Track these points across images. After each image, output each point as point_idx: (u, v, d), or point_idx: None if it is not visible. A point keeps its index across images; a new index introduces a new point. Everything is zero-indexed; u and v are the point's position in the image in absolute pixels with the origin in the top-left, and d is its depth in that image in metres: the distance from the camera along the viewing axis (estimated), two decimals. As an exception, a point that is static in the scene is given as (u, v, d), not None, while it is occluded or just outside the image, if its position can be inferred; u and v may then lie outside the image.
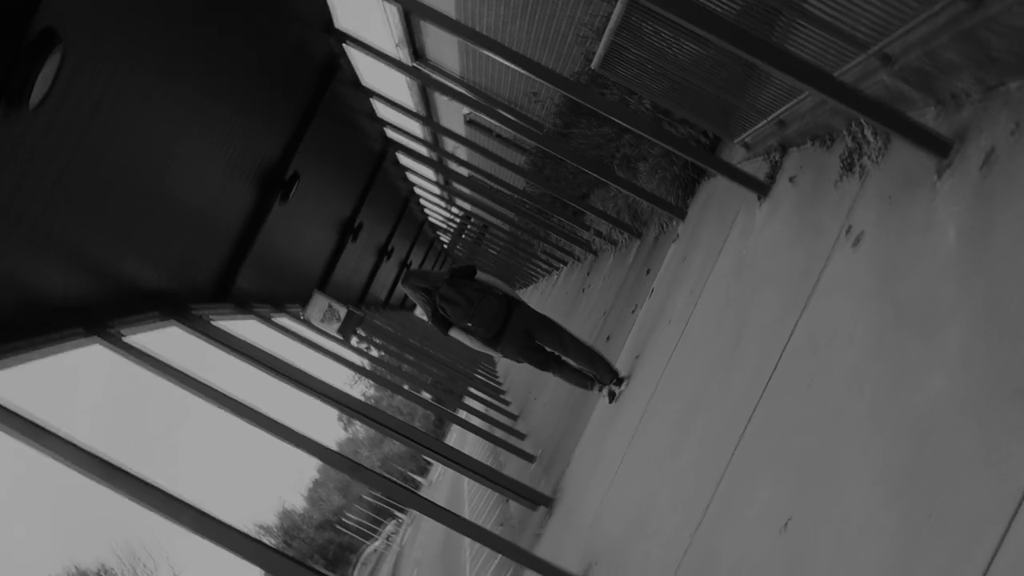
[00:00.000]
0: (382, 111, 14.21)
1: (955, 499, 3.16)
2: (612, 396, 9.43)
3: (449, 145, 24.77)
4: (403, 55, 20.21)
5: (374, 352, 22.57)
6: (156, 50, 6.27)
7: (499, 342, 8.94)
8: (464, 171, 21.50)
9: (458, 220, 31.95)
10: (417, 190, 23.34)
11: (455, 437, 46.90)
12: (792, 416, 4.77)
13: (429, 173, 21.73)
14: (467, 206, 28.65)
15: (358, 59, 11.21)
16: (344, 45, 10.46)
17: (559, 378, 9.39)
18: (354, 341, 16.64)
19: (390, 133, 15.60)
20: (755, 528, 4.53)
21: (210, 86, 7.57)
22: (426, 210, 28.00)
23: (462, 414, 25.43)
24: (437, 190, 24.69)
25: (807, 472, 4.28)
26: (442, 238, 37.21)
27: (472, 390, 22.62)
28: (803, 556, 3.94)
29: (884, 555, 3.38)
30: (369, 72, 10.94)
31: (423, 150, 17.92)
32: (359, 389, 75.17)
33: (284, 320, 13.40)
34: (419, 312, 34.55)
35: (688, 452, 6.25)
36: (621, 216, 14.14)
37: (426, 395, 22.72)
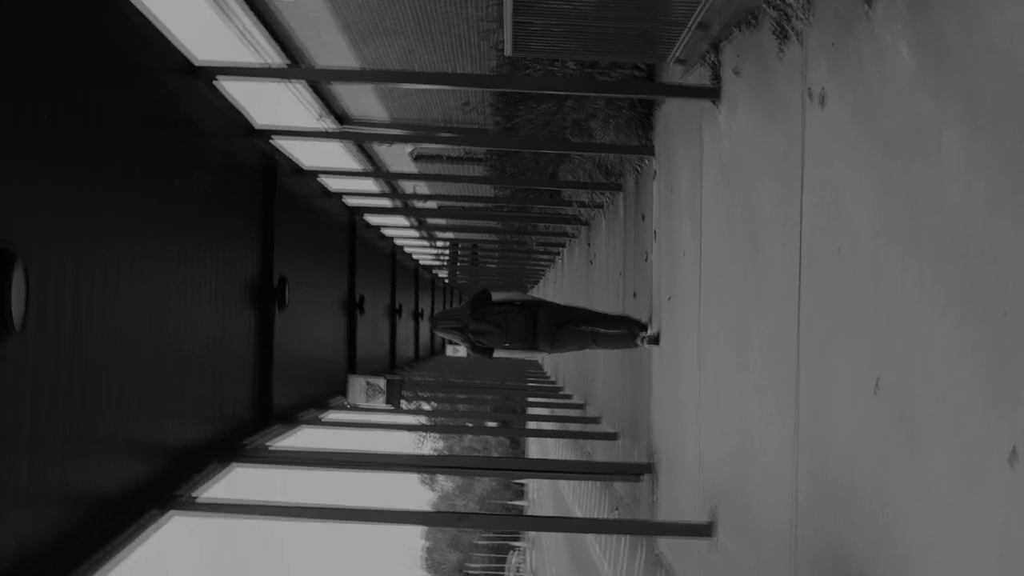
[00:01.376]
0: (334, 184, 14.22)
1: (1020, 288, 3.15)
2: (655, 339, 9.78)
3: (408, 187, 24.78)
4: (329, 124, 20.24)
5: (426, 406, 22.57)
6: (108, 227, 6.28)
7: (536, 345, 9.47)
8: (432, 204, 21.51)
9: (447, 252, 31.93)
10: (398, 241, 23.34)
11: (535, 450, 46.86)
12: (836, 285, 4.77)
13: (401, 220, 21.74)
14: (450, 235, 28.63)
15: (290, 147, 11.23)
16: (271, 141, 10.47)
17: (604, 349, 9.66)
18: (404, 405, 16.62)
19: (350, 201, 15.61)
20: (850, 401, 4.52)
21: (170, 236, 7.57)
22: (414, 256, 27.99)
23: (531, 425, 25.41)
24: (415, 233, 24.68)
25: (873, 329, 4.27)
26: (440, 275, 37.19)
27: (531, 399, 22.61)
28: (907, 404, 3.93)
29: (980, 367, 3.38)
30: (306, 154, 10.93)
31: (386, 202, 17.96)
32: (428, 446, 75.10)
33: (333, 415, 13.40)
34: (452, 351, 34.62)
35: (756, 362, 6.24)
36: (595, 178, 14.10)
37: (491, 423, 22.70)
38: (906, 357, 3.95)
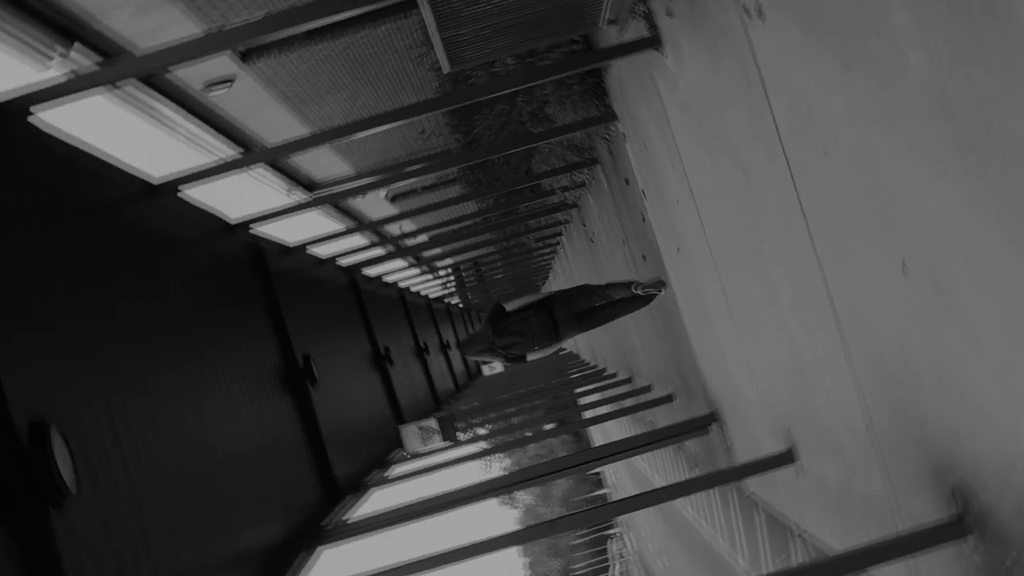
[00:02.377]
0: (324, 251, 14.25)
1: (1008, 127, 3.15)
2: (653, 285, 10.31)
3: (395, 229, 24.80)
4: (300, 195, 20.28)
5: (482, 430, 22.57)
6: (127, 368, 6.30)
7: (562, 336, 9.77)
8: (423, 236, 21.53)
9: (452, 277, 31.95)
10: (402, 284, 23.37)
11: (598, 437, 46.80)
12: (832, 184, 4.76)
13: (398, 263, 21.75)
14: (449, 261, 28.65)
15: (271, 230, 11.26)
16: (250, 230, 10.48)
17: (629, 314, 9.89)
18: (461, 437, 16.65)
19: (344, 262, 15.63)
20: (883, 289, 4.51)
21: (187, 353, 7.58)
22: (422, 292, 28.01)
23: (587, 415, 25.39)
24: (416, 270, 24.72)
25: (881, 214, 4.26)
26: (452, 301, 37.20)
27: (579, 390, 22.60)
28: (938, 274, 3.92)
29: (995, 216, 3.37)
30: (289, 231, 10.97)
31: (379, 251, 17.97)
32: (496, 467, 75.06)
33: (398, 469, 13.41)
34: (488, 369, 34.65)
35: (781, 282, 6.23)
36: (568, 159, 14.12)
37: (548, 426, 22.68)
38: (921, 230, 3.94)
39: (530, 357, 9.86)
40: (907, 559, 4.43)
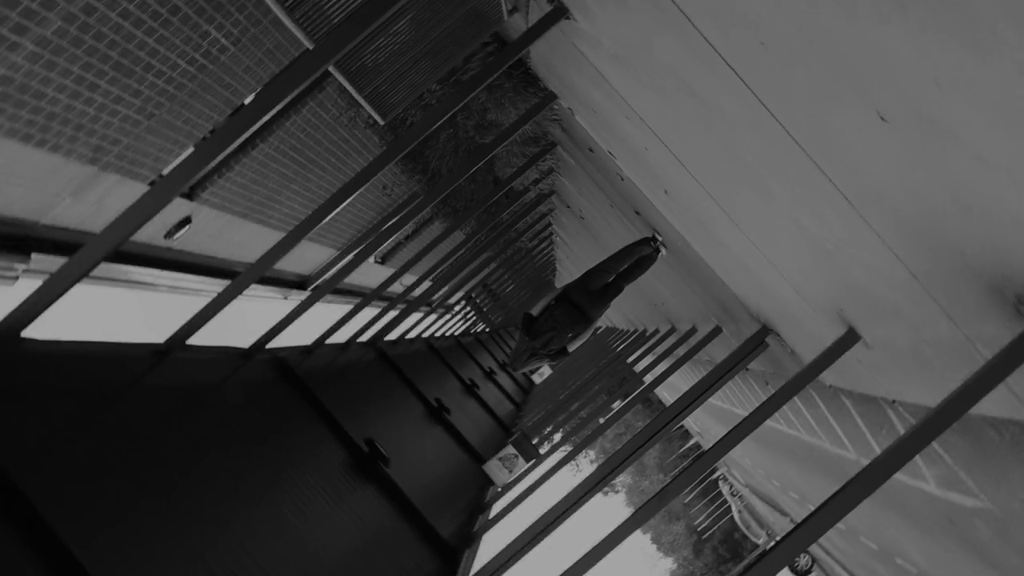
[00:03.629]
0: (340, 337, 14.27)
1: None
2: (651, 241, 10.85)
3: (398, 287, 24.85)
4: (297, 296, 20.35)
5: (557, 436, 22.59)
6: (209, 520, 6.33)
7: (591, 318, 10.32)
8: (427, 282, 21.58)
9: (469, 308, 31.99)
10: (425, 335, 23.40)
11: (667, 395, 46.76)
12: (781, 69, 4.76)
13: (414, 317, 21.79)
14: (459, 294, 28.69)
15: (285, 339, 11.25)
16: (267, 348, 10.51)
17: (642, 276, 10.23)
18: (541, 451, 16.68)
19: (362, 338, 15.65)
20: (872, 146, 4.50)
21: (261, 483, 7.63)
22: (447, 334, 28.05)
23: (647, 379, 25.36)
24: (434, 316, 24.77)
25: (839, 76, 4.26)
26: (478, 329, 37.26)
27: (630, 359, 22.59)
28: (915, 108, 3.91)
29: (950, 32, 3.36)
30: (302, 332, 10.97)
31: (391, 314, 18.00)
32: (585, 462, 75.14)
33: (498, 506, 13.44)
34: (538, 377, 34.66)
35: (774, 181, 6.23)
36: (528, 153, 14.15)
37: (616, 405, 22.68)
38: (882, 73, 3.94)
39: (571, 347, 10.32)
40: (1001, 386, 4.42)
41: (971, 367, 4.58)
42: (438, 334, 25.81)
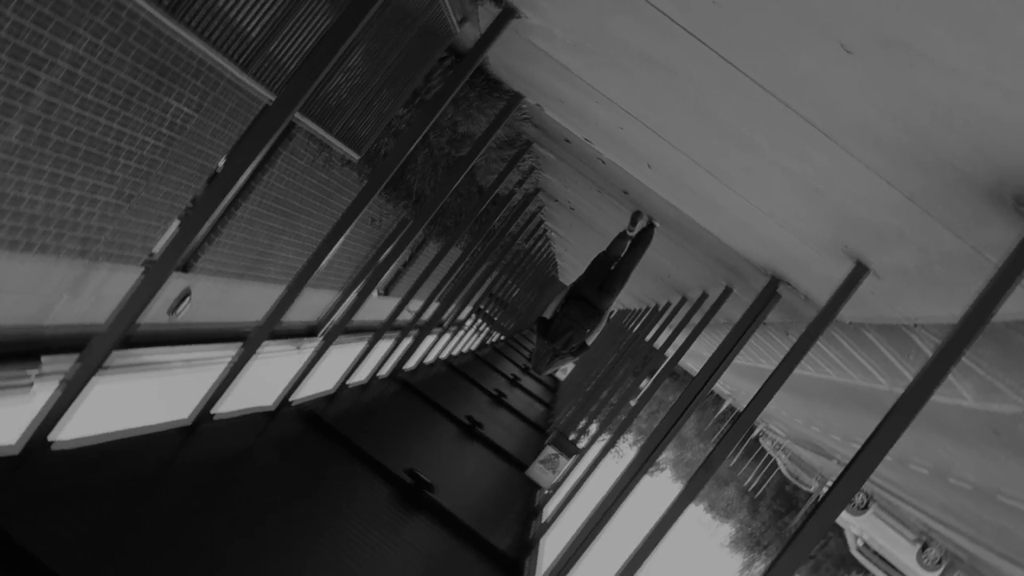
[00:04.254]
0: (360, 376, 14.26)
1: None
2: (636, 220, 10.95)
3: (407, 315, 24.87)
4: (309, 344, 20.36)
5: (593, 427, 22.57)
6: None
7: (603, 309, 10.46)
8: (434, 304, 21.59)
9: (480, 320, 32.00)
10: (443, 356, 23.40)
11: (692, 364, 46.72)
12: (739, 22, 4.77)
13: (427, 342, 21.79)
14: (467, 309, 28.72)
15: (307, 389, 11.23)
16: (291, 403, 10.50)
17: (644, 253, 10.29)
18: (581, 445, 16.72)
19: (381, 373, 15.64)
20: (842, 78, 4.50)
21: (314, 533, 7.64)
22: (464, 351, 28.05)
23: (669, 353, 25.36)
24: (448, 336, 24.76)
25: (797, 16, 4.26)
26: (493, 339, 37.30)
27: (649, 337, 22.60)
28: (876, 33, 3.91)
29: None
30: (322, 379, 10.98)
31: (406, 342, 18.01)
32: (626, 447, 75.14)
33: (549, 507, 13.45)
34: (562, 374, 34.71)
35: (753, 132, 6.24)
36: (505, 156, 14.17)
37: (644, 384, 22.68)
38: (832, 7, 3.94)
39: (589, 341, 10.41)
40: (1019, 288, 4.41)
41: (984, 276, 4.57)
42: (455, 352, 25.80)
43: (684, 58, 5.72)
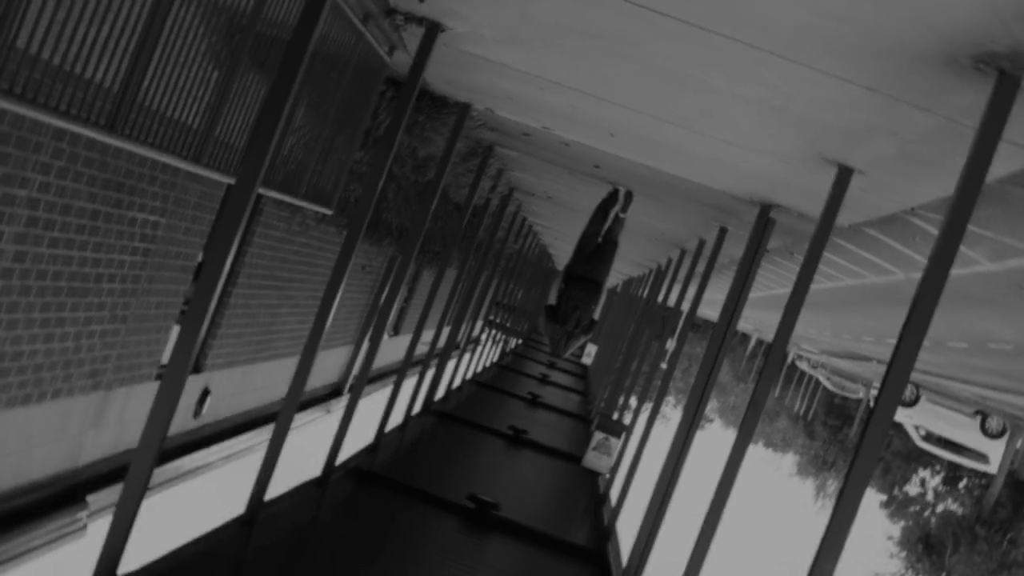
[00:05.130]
0: (394, 420, 14.26)
1: None
2: (613, 196, 11.19)
3: (423, 348, 24.87)
4: (336, 404, 20.38)
5: (632, 401, 22.55)
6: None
7: (601, 283, 10.77)
8: (445, 331, 21.59)
9: (496, 328, 31.91)
10: (468, 377, 23.40)
11: (709, 311, 46.77)
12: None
13: (448, 369, 21.79)
14: (479, 324, 28.70)
15: (350, 447, 11.24)
16: (336, 463, 10.51)
17: (621, 230, 11.05)
18: (627, 421, 16.72)
19: (414, 411, 15.65)
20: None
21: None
22: (487, 365, 28.04)
23: (685, 307, 25.39)
24: (468, 355, 24.75)
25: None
26: (512, 346, 37.30)
27: (660, 298, 22.62)
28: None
29: None
30: (360, 433, 11.02)
31: (429, 374, 18.02)
32: (670, 410, 75.24)
33: (614, 491, 13.43)
34: (587, 357, 34.74)
35: (709, 73, 6.24)
36: (471, 167, 14.19)
37: (670, 344, 22.68)
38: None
39: (595, 316, 10.76)
40: (1003, 144, 4.40)
41: (965, 142, 4.56)
42: (479, 369, 25.78)
43: (613, 20, 5.71)
